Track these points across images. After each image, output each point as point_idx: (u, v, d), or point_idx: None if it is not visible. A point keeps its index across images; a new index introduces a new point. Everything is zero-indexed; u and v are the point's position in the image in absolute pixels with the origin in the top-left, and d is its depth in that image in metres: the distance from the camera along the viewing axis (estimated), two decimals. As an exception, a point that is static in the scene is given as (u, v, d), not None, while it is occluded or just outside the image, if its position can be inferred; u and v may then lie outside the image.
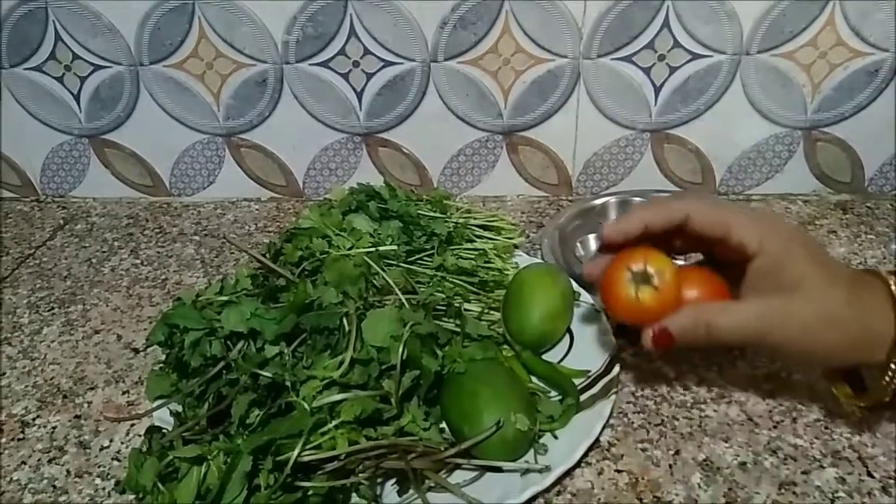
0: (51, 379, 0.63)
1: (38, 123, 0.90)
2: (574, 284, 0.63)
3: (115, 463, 0.54)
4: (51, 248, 0.84)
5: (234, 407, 0.47)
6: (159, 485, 0.44)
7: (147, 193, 0.94)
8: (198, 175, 0.91)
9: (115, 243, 0.84)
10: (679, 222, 0.49)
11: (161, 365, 0.54)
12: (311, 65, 0.82)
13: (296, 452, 0.43)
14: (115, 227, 0.88)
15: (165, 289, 0.75)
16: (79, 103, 0.88)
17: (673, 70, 0.80)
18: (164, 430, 0.49)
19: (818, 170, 0.86)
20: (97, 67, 0.85)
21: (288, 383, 0.47)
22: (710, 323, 0.47)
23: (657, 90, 0.81)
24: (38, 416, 0.59)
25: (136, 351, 0.66)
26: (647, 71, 0.80)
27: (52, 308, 0.73)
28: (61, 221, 0.90)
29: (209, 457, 0.44)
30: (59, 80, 0.86)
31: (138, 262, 0.80)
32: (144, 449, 0.48)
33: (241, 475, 0.43)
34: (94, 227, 0.88)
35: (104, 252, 0.83)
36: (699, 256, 0.55)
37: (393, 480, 0.48)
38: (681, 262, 0.54)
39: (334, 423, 0.46)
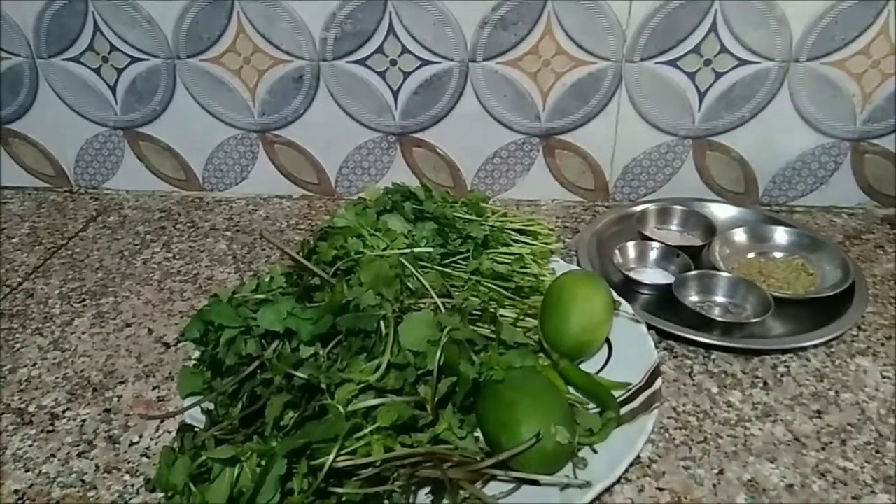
0: (81, 371, 0.63)
1: (74, 114, 0.90)
2: (613, 293, 0.61)
3: (145, 460, 0.53)
4: (83, 240, 0.84)
5: (269, 408, 0.46)
6: (191, 485, 0.43)
7: (180, 187, 0.94)
8: (231, 170, 0.91)
9: (148, 236, 0.84)
10: None
11: (194, 362, 0.53)
12: (348, 62, 0.81)
13: (331, 457, 0.42)
14: (148, 220, 0.88)
15: (197, 283, 0.74)
16: (115, 95, 0.88)
17: (719, 76, 0.78)
18: (196, 429, 0.48)
19: (865, 182, 0.83)
20: (134, 60, 0.85)
21: (323, 385, 0.46)
22: None
23: (701, 96, 0.79)
24: (67, 409, 0.58)
25: (167, 346, 0.65)
26: (691, 76, 0.78)
27: (84, 300, 0.73)
28: (94, 213, 0.90)
29: (243, 458, 0.43)
30: (97, 71, 0.86)
31: (170, 255, 0.80)
32: (176, 447, 0.47)
33: (276, 478, 0.42)
34: (126, 219, 0.88)
35: (136, 245, 0.82)
36: None
37: (427, 490, 0.47)
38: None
39: (370, 428, 0.44)
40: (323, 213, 0.88)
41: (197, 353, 0.55)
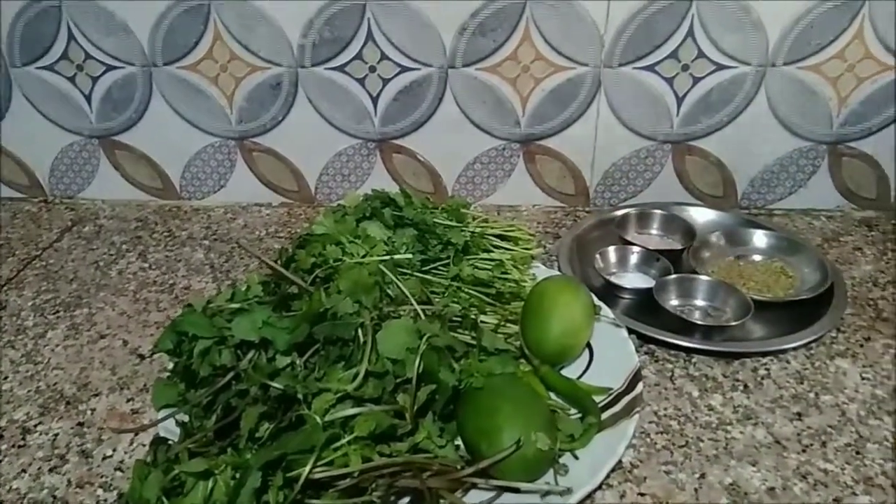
0: (54, 384, 0.61)
1: (49, 123, 0.88)
2: (594, 298, 0.61)
3: (118, 473, 0.52)
4: (57, 250, 0.83)
5: (244, 419, 0.45)
6: (164, 499, 0.42)
7: (157, 196, 0.92)
8: (209, 179, 0.90)
9: (124, 246, 0.83)
10: None
11: (169, 374, 0.52)
12: (326, 69, 0.81)
13: (307, 469, 0.42)
14: (124, 229, 0.87)
15: (173, 294, 0.73)
16: (90, 104, 0.87)
17: (696, 80, 0.78)
18: (169, 442, 0.47)
19: (843, 185, 0.84)
20: (110, 67, 0.84)
21: (300, 396, 0.45)
22: None
23: (680, 100, 0.80)
24: (39, 423, 0.57)
25: (142, 357, 0.64)
26: (669, 81, 0.79)
27: (58, 311, 0.71)
28: (69, 223, 0.89)
29: (216, 471, 0.42)
30: (71, 79, 0.85)
31: (146, 265, 0.79)
32: (149, 461, 0.46)
33: (250, 492, 0.41)
34: (102, 229, 0.87)
35: (112, 255, 0.81)
36: None
37: (407, 499, 0.46)
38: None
39: (347, 438, 0.44)
40: (303, 220, 0.87)
41: (172, 365, 0.54)
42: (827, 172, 0.83)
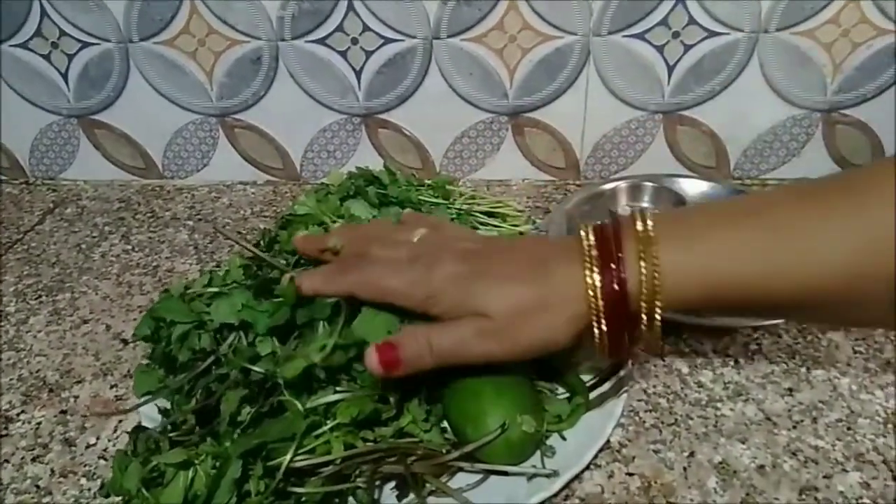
0: (36, 372, 0.60)
1: (26, 103, 0.86)
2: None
3: (102, 462, 0.51)
4: (39, 233, 0.81)
5: (224, 404, 0.44)
6: (143, 490, 0.41)
7: (139, 176, 0.91)
8: (191, 157, 0.88)
9: (106, 228, 0.81)
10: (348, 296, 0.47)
11: (146, 361, 0.51)
12: (307, 42, 0.79)
13: (288, 457, 0.41)
14: (107, 210, 0.85)
15: (157, 276, 0.72)
16: (67, 82, 0.84)
17: (687, 48, 0.76)
18: (150, 430, 0.46)
19: (837, 153, 0.83)
20: (85, 44, 0.82)
21: (280, 381, 0.44)
22: (431, 340, 0.44)
23: (670, 69, 0.78)
24: (22, 412, 0.56)
25: (126, 342, 0.63)
26: (660, 49, 0.77)
27: (40, 296, 0.70)
28: (51, 205, 0.87)
29: (196, 462, 0.41)
30: (46, 57, 0.83)
31: (129, 247, 0.77)
32: (129, 450, 0.45)
33: (230, 481, 0.40)
34: (84, 210, 0.85)
35: (94, 237, 0.80)
36: None
37: (392, 485, 0.46)
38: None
39: (329, 425, 0.43)
40: (288, 199, 0.86)
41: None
42: (821, 140, 0.82)
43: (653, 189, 0.78)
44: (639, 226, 0.40)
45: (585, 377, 0.53)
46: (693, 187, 0.78)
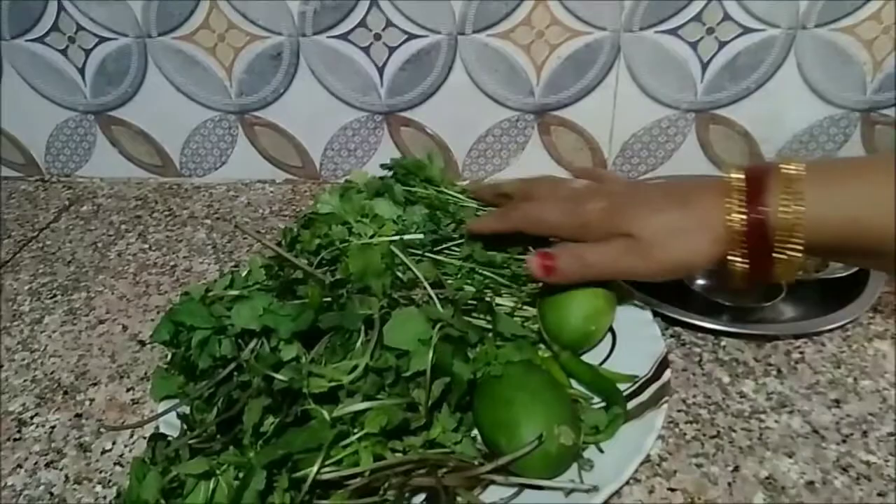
0: (51, 373, 0.59)
1: (42, 99, 0.85)
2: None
3: (118, 468, 0.49)
4: (55, 231, 0.80)
5: (247, 413, 0.42)
6: (162, 501, 0.39)
7: (156, 174, 0.89)
8: (209, 155, 0.86)
9: (123, 226, 0.80)
10: (517, 231, 0.56)
11: (165, 365, 0.49)
12: (329, 37, 0.77)
13: (315, 469, 0.39)
14: (123, 209, 0.83)
15: (174, 276, 0.70)
16: (84, 78, 0.83)
17: (722, 45, 0.74)
18: (169, 438, 0.44)
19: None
20: (102, 39, 0.80)
21: (305, 390, 0.42)
22: (582, 255, 0.50)
23: (704, 66, 0.75)
24: (36, 415, 0.55)
25: (143, 343, 0.61)
26: (693, 45, 0.74)
27: (55, 295, 0.68)
28: (66, 202, 0.86)
29: (218, 472, 0.39)
30: (63, 52, 0.81)
31: (146, 246, 0.76)
32: (147, 458, 0.43)
33: (254, 494, 0.38)
34: (100, 208, 0.84)
35: (111, 236, 0.78)
36: None
37: (422, 498, 0.43)
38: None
39: (357, 435, 0.41)
40: (308, 198, 0.84)
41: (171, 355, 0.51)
42: (859, 141, 0.79)
43: (685, 190, 0.75)
44: (786, 166, 0.43)
45: (622, 386, 0.51)
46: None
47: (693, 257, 0.47)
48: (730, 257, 0.45)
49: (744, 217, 0.44)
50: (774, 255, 0.44)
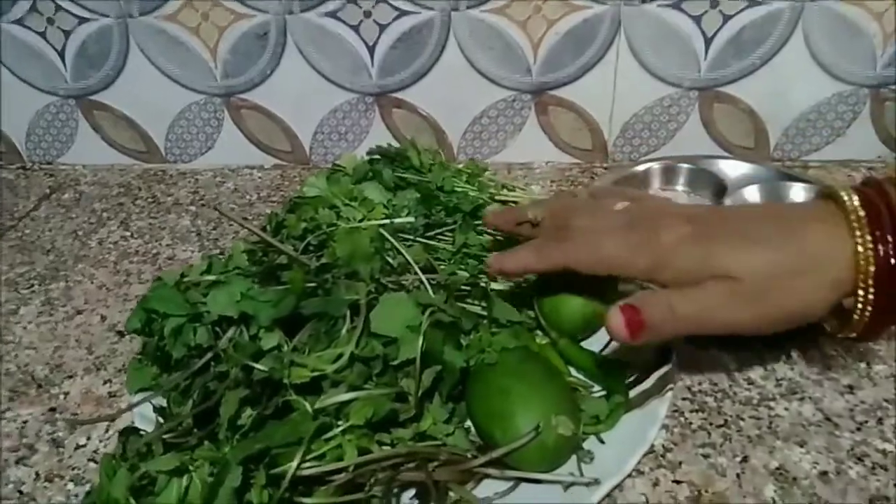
0: (25, 366, 0.56)
1: (21, 83, 0.82)
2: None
3: (92, 465, 0.47)
4: (34, 220, 0.77)
5: (223, 405, 0.39)
6: (131, 500, 0.36)
7: (140, 160, 0.86)
8: (195, 140, 0.84)
9: (105, 214, 0.77)
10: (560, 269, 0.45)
11: (140, 356, 0.47)
12: (317, 15, 0.74)
13: (294, 464, 0.36)
14: (106, 196, 0.81)
15: (156, 264, 0.68)
16: (64, 60, 0.80)
17: (727, 18, 0.71)
18: (141, 432, 0.42)
19: (885, 133, 0.76)
20: (82, 20, 0.77)
21: (286, 381, 0.39)
22: (674, 306, 0.40)
23: (708, 42, 0.72)
24: (7, 409, 0.52)
25: (122, 334, 0.58)
26: (697, 20, 0.71)
27: (32, 285, 0.66)
28: (48, 190, 0.83)
29: (192, 468, 0.37)
30: (42, 34, 0.79)
31: (128, 234, 0.73)
32: (119, 454, 0.40)
33: (229, 491, 0.35)
34: (82, 196, 0.81)
35: (92, 223, 0.75)
36: None
37: (411, 493, 0.41)
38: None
39: (341, 427, 0.38)
40: (297, 183, 0.81)
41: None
42: (868, 119, 0.76)
43: (689, 171, 0.72)
44: None
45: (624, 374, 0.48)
46: (733, 169, 0.72)
47: (811, 303, 0.39)
48: (856, 302, 0.38)
49: (870, 251, 0.36)
50: None
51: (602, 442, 0.44)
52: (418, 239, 0.58)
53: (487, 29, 0.73)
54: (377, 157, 0.65)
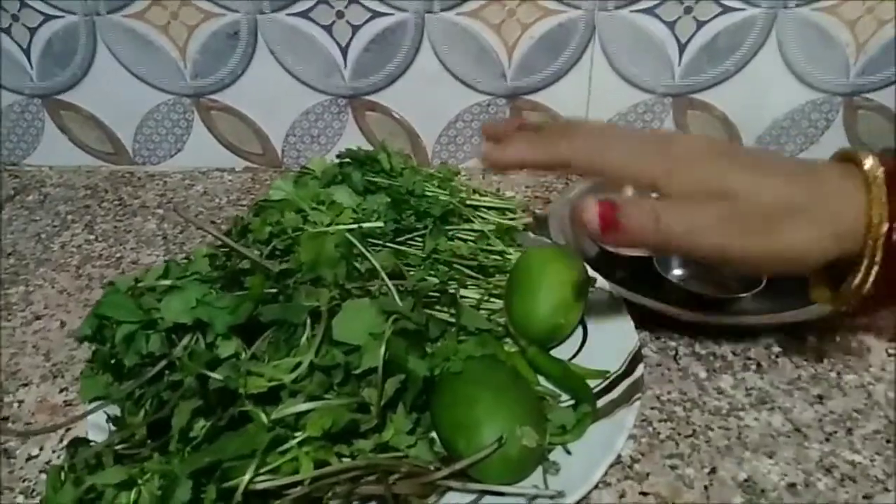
0: (-22, 373, 0.54)
1: (-16, 81, 0.80)
2: (588, 269, 0.54)
3: (43, 476, 0.45)
4: (-4, 222, 0.75)
5: (175, 416, 0.38)
6: (77, 515, 0.35)
7: (108, 161, 0.84)
8: (164, 141, 0.82)
9: (69, 216, 0.75)
10: (559, 166, 0.42)
11: (90, 364, 0.45)
12: (288, 15, 0.72)
13: (246, 478, 0.35)
14: (71, 198, 0.79)
15: (120, 268, 0.66)
16: (29, 59, 0.78)
17: (700, 25, 0.71)
18: (92, 443, 0.40)
19: (858, 140, 0.77)
20: (48, 17, 0.75)
21: (242, 390, 0.38)
22: (660, 216, 0.37)
23: (682, 48, 0.72)
24: (-43, 418, 0.50)
25: (81, 340, 0.57)
26: (670, 25, 0.71)
27: (-9, 289, 0.64)
28: (11, 192, 0.81)
29: (140, 481, 0.35)
30: (6, 31, 0.77)
31: (92, 237, 0.71)
32: (67, 466, 0.39)
33: (179, 505, 0.34)
34: (47, 198, 0.79)
35: (55, 226, 0.73)
36: None
37: (371, 507, 0.40)
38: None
39: (297, 439, 0.37)
40: (268, 187, 0.79)
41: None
42: (841, 126, 0.76)
43: (662, 177, 0.72)
44: None
45: (592, 382, 0.47)
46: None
47: (807, 252, 0.37)
48: (859, 267, 0.36)
49: (886, 211, 0.35)
50: None
51: (568, 452, 0.43)
52: (388, 244, 0.56)
53: (462, 32, 0.72)
54: (347, 160, 0.64)
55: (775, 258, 0.37)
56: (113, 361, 0.42)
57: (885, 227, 0.35)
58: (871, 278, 0.36)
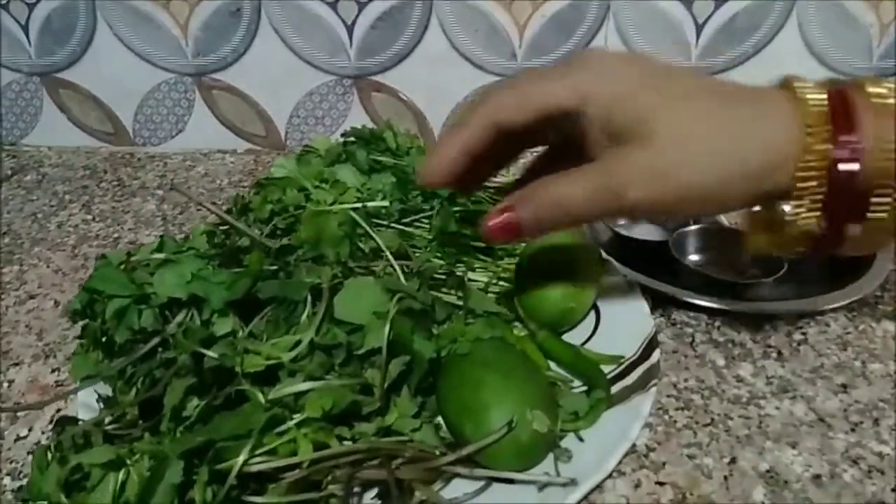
0: (-31, 352, 0.52)
1: (-18, 59, 0.78)
2: (601, 252, 0.52)
3: (31, 458, 0.43)
4: (-8, 202, 0.73)
5: (168, 394, 0.36)
6: (62, 496, 0.33)
7: (108, 142, 0.83)
8: (164, 121, 0.80)
9: (67, 196, 0.73)
10: (497, 130, 0.37)
11: (80, 340, 0.43)
12: (293, -9, 0.70)
13: (241, 460, 0.33)
14: (69, 178, 0.77)
15: (117, 248, 0.64)
16: (28, 36, 0.76)
17: (719, 5, 0.69)
18: (80, 422, 0.38)
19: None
20: (47, -7, 0.73)
21: (238, 369, 0.36)
22: (550, 191, 0.35)
23: (699, 28, 0.70)
24: (-55, 398, 0.48)
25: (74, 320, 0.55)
26: (688, 5, 0.68)
27: (-16, 268, 0.62)
28: (9, 172, 0.79)
29: (129, 461, 0.33)
30: (4, 7, 0.75)
31: (90, 217, 0.69)
32: (53, 446, 0.37)
33: (169, 487, 0.32)
34: (45, 178, 0.77)
35: (52, 206, 0.72)
36: None
37: (373, 493, 0.38)
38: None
39: (296, 420, 0.35)
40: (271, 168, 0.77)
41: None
42: (862, 112, 0.74)
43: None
44: (875, 88, 0.32)
45: (606, 368, 0.45)
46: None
47: (729, 186, 0.33)
48: (793, 206, 0.33)
49: (825, 145, 0.31)
50: (870, 213, 0.32)
51: (581, 440, 0.41)
52: (393, 225, 0.54)
53: (471, 10, 0.70)
54: (352, 139, 0.62)
55: (697, 200, 0.34)
56: (104, 338, 0.40)
57: (824, 164, 0.32)
58: (813, 214, 0.33)
